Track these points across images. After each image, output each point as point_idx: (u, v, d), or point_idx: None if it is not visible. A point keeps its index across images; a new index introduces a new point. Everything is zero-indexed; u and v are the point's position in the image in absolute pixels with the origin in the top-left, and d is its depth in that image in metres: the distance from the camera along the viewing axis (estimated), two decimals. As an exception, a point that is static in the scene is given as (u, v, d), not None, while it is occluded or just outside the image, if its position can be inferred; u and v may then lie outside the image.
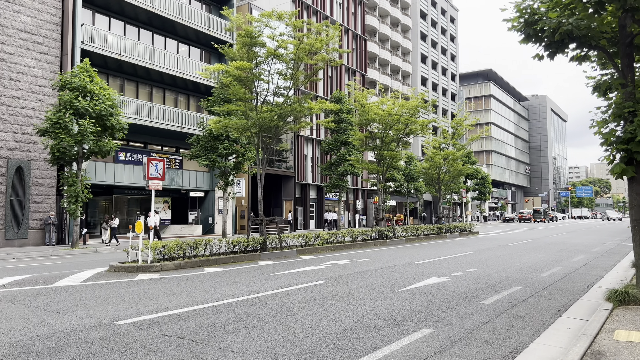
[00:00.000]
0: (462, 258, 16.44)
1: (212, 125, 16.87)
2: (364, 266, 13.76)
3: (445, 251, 19.22)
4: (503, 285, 10.70)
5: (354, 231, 20.72)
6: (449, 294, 9.52)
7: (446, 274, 12.28)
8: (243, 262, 14.40)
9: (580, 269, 14.05)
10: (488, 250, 19.53)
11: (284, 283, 10.50)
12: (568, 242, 24.57)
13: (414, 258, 16.26)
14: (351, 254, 17.54)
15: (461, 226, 30.76)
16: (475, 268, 13.69)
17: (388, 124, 21.92)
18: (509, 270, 13.41)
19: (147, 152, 30.50)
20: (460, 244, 22.94)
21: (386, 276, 11.78)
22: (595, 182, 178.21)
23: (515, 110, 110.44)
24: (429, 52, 66.64)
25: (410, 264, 14.53)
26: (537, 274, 12.67)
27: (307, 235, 18.17)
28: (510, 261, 15.64)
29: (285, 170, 39.48)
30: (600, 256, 17.80)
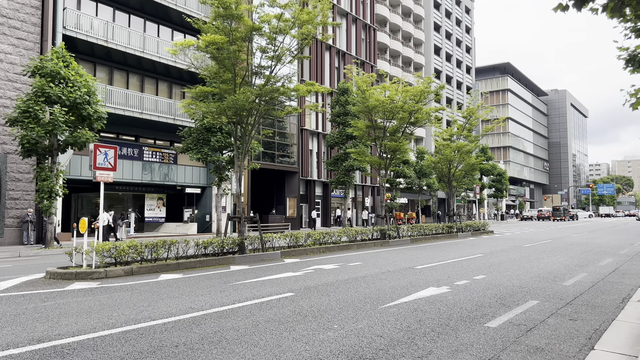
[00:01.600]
0: (471, 262, 14.32)
1: (184, 109, 14.99)
2: (352, 272, 11.75)
3: (452, 253, 17.09)
4: (516, 299, 8.62)
5: (352, 230, 18.70)
6: (445, 312, 7.48)
7: (447, 283, 10.21)
8: (212, 267, 12.50)
9: (609, 275, 11.86)
10: (501, 253, 17.34)
11: (242, 296, 8.56)
12: (592, 243, 22.23)
13: (415, 262, 14.19)
14: (344, 256, 15.53)
15: (474, 225, 28.49)
16: (484, 275, 11.59)
17: (391, 112, 19.82)
18: (524, 277, 11.28)
19: (138, 145, 28.84)
20: (471, 245, 20.75)
21: (373, 286, 9.76)
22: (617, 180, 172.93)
23: (533, 105, 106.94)
24: (442, 43, 64.08)
25: (408, 269, 12.48)
26: (558, 283, 10.54)
27: (295, 235, 16.22)
28: (527, 266, 13.48)
29: (289, 166, 37.58)
30: (630, 259, 15.53)
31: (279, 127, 37.40)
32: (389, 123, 20.45)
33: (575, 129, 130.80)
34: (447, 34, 65.98)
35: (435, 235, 24.21)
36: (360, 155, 22.01)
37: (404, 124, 20.47)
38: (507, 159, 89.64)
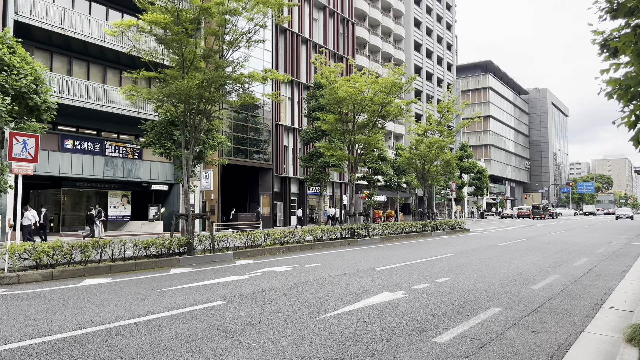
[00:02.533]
0: (438, 262, 13.38)
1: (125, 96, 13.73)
2: (304, 275, 10.70)
3: (421, 253, 16.15)
4: (476, 306, 7.66)
5: (317, 229, 17.65)
6: (391, 323, 6.47)
7: (405, 287, 9.23)
8: (151, 270, 11.34)
9: (582, 277, 11.01)
10: (473, 252, 16.46)
11: (163, 305, 7.44)
12: (568, 242, 21.53)
13: (378, 262, 13.20)
14: (304, 257, 14.46)
15: (449, 223, 27.65)
16: (448, 277, 10.63)
17: (360, 105, 18.80)
18: (491, 280, 10.35)
19: (100, 139, 27.42)
20: (444, 244, 19.88)
21: (321, 291, 8.72)
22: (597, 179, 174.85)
23: (515, 104, 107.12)
24: (423, 40, 63.36)
25: (368, 271, 11.47)
26: (526, 286, 9.63)
27: (253, 235, 15.11)
28: (496, 267, 12.58)
29: (263, 162, 36.39)
30: (606, 259, 14.77)
31: (252, 122, 36.21)
32: (358, 116, 19.44)
33: (556, 128, 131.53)
34: (427, 30, 65.28)
35: (408, 233, 23.29)
36: (329, 150, 20.96)
37: (374, 117, 19.47)
38: (489, 157, 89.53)
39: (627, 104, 5.94)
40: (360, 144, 19.29)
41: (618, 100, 5.93)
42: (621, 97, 5.84)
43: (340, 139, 20.68)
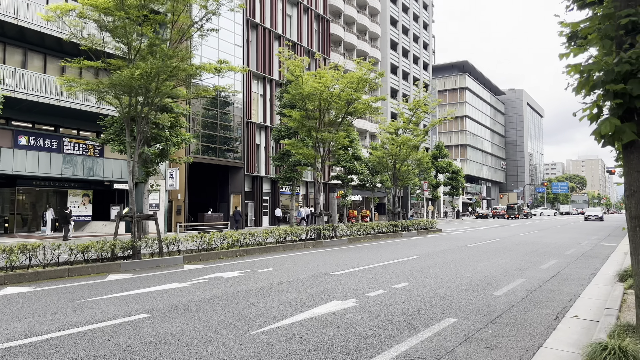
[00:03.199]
0: (401, 265, 12.72)
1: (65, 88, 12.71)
2: (252, 282, 9.91)
3: (386, 255, 15.50)
4: (430, 316, 6.99)
5: (280, 230, 16.84)
6: (331, 338, 5.74)
7: (358, 295, 8.51)
8: (86, 276, 10.40)
9: (549, 281, 10.47)
10: (440, 254, 15.87)
11: (76, 320, 6.57)
12: (539, 242, 21.18)
13: (337, 266, 12.47)
14: (260, 260, 13.64)
15: (420, 223, 27.14)
16: (408, 282, 9.97)
17: (326, 101, 18.06)
18: (452, 285, 9.72)
19: (58, 136, 26.13)
20: (412, 245, 19.28)
21: (264, 301, 7.94)
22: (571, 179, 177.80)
23: (491, 104, 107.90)
24: (399, 38, 63.02)
25: (323, 276, 10.73)
26: (488, 292, 9.02)
27: (208, 237, 14.23)
28: (461, 270, 11.98)
29: (233, 161, 35.40)
30: (575, 261, 14.34)
31: (223, 119, 35.19)
32: (325, 113, 18.70)
33: (532, 128, 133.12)
34: (404, 29, 64.96)
35: (378, 234, 22.66)
36: (295, 148, 20.16)
37: (342, 114, 18.76)
38: (465, 157, 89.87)
39: (589, 93, 5.32)
40: (327, 141, 18.55)
41: (578, 90, 5.30)
42: (582, 86, 5.21)
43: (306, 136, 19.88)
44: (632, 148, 5.09)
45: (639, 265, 4.98)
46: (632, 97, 4.93)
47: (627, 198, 5.13)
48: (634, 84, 4.80)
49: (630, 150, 5.10)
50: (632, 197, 5.06)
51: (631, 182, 5.08)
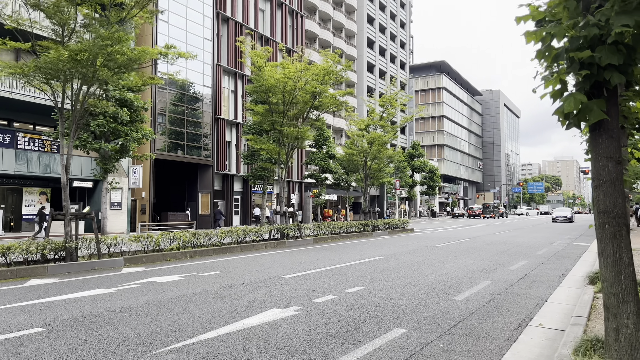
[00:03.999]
0: (362, 267, 11.88)
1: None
2: (189, 287, 8.94)
3: (350, 255, 14.65)
4: (378, 326, 6.14)
5: (238, 230, 15.84)
6: (253, 356, 4.82)
7: (302, 301, 7.62)
8: (4, 281, 9.28)
9: (516, 284, 9.74)
10: (406, 254, 15.09)
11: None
12: (511, 242, 20.60)
13: (292, 269, 11.57)
14: (210, 262, 12.64)
15: (392, 222, 26.42)
16: (363, 286, 9.11)
17: (290, 94, 17.14)
18: (411, 289, 8.91)
19: (11, 130, 24.69)
20: (380, 245, 18.49)
21: (190, 310, 6.99)
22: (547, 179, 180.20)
23: (469, 105, 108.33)
24: (376, 37, 62.43)
25: (273, 279, 9.81)
26: (449, 297, 8.22)
27: (156, 237, 13.17)
28: (425, 272, 11.19)
29: (202, 158, 34.20)
30: (546, 261, 13.70)
31: (192, 115, 33.96)
32: (288, 106, 17.77)
33: (509, 129, 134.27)
34: (381, 27, 64.40)
35: (347, 234, 21.83)
36: (257, 143, 19.21)
37: (307, 108, 17.86)
38: (442, 157, 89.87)
39: (550, 65, 4.52)
40: (291, 136, 17.63)
41: (539, 60, 4.49)
42: (542, 56, 4.40)
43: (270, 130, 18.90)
44: (600, 130, 4.30)
45: (608, 269, 4.19)
46: (600, 68, 4.14)
47: (595, 190, 4.33)
48: (602, 51, 4.01)
49: (598, 133, 4.31)
50: (600, 188, 4.26)
51: (599, 171, 4.28)
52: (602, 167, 4.26)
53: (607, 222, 4.20)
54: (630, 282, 4.11)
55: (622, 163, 4.26)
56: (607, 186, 4.22)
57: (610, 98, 4.30)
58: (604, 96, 4.25)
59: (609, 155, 4.24)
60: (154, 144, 30.56)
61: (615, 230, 4.16)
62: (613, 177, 4.22)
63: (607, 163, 4.24)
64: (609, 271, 4.18)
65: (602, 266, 4.25)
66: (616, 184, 4.21)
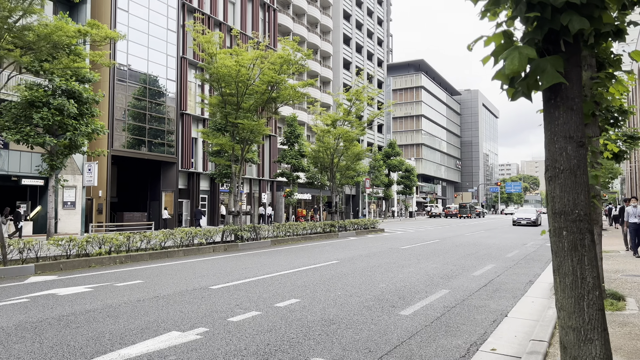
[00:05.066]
0: (308, 274, 10.63)
1: None
2: (89, 302, 7.58)
3: (304, 259, 13.40)
4: (292, 356, 4.89)
5: (183, 232, 14.44)
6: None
7: (214, 321, 6.34)
8: None
9: (477, 293, 8.62)
10: (366, 258, 13.91)
11: None
12: (482, 243, 19.61)
13: (227, 277, 10.27)
14: (137, 270, 11.23)
15: (361, 223, 25.26)
16: (299, 298, 7.87)
17: (244, 83, 15.82)
18: (353, 301, 7.70)
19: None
20: (342, 247, 17.28)
21: (62, 334, 5.65)
22: (525, 179, 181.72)
23: (447, 104, 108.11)
24: (353, 33, 61.34)
25: (197, 291, 8.50)
26: (394, 311, 7.04)
27: (79, 242, 11.72)
28: (378, 279, 10.01)
29: (166, 156, 32.58)
30: (515, 265, 12.66)
31: (155, 110, 32.31)
32: (244, 97, 16.42)
33: (487, 129, 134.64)
34: (357, 24, 63.33)
35: (310, 235, 20.59)
36: (209, 137, 17.85)
37: (264, 100, 16.55)
38: (420, 156, 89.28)
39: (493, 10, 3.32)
40: (246, 130, 16.30)
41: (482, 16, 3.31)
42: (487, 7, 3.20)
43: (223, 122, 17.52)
44: (556, 99, 3.11)
45: (566, 294, 3.01)
46: (555, 11, 2.95)
47: (549, 182, 3.14)
48: (558, -12, 2.82)
49: (554, 104, 3.12)
50: (556, 180, 3.08)
51: (554, 156, 3.09)
52: (559, 151, 3.07)
53: (565, 227, 3.02)
54: (596, 312, 2.93)
55: (585, 146, 3.08)
56: (566, 177, 3.04)
57: (571, 55, 3.11)
58: (562, 52, 3.07)
59: (567, 135, 3.06)
60: (112, 140, 28.90)
61: (576, 239, 2.98)
62: (573, 165, 3.03)
63: (566, 145, 3.06)
64: (567, 297, 3.00)
65: (559, 289, 3.07)
66: (578, 175, 3.03)
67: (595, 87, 7.53)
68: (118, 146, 29.81)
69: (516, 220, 37.32)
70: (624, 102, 14.95)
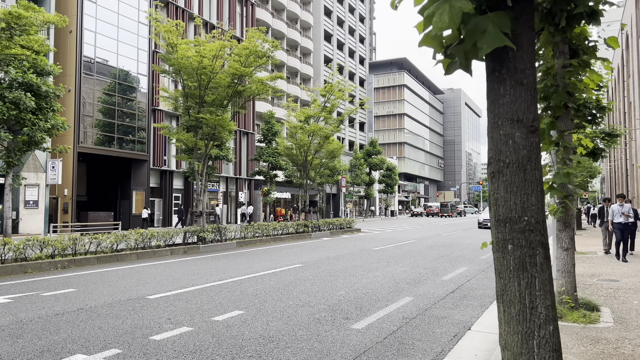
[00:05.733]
0: (265, 279, 9.84)
1: None
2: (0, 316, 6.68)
3: (265, 264, 12.59)
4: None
5: (138, 234, 13.50)
6: None
7: (131, 340, 5.51)
8: None
9: (442, 301, 7.92)
10: (331, 261, 13.15)
11: None
12: (457, 244, 19.02)
13: (173, 284, 9.43)
14: (77, 276, 10.29)
15: (336, 222, 24.52)
16: (243, 310, 7.07)
17: (207, 76, 14.94)
18: (303, 312, 6.94)
19: None
20: (310, 249, 16.51)
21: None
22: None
23: (430, 103, 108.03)
24: (334, 30, 60.56)
25: (130, 301, 7.64)
26: (347, 324, 6.30)
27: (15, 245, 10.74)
28: (339, 285, 9.27)
29: (136, 153, 31.46)
30: (488, 268, 12.04)
31: (127, 106, 31.15)
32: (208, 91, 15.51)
33: (470, 128, 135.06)
34: (339, 20, 62.55)
35: (281, 236, 19.77)
36: (170, 133, 16.95)
37: (229, 94, 15.67)
38: (403, 155, 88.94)
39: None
40: (209, 125, 15.41)
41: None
42: None
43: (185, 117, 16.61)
44: (502, 71, 2.37)
45: (511, 328, 2.26)
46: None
47: (492, 179, 2.40)
48: None
49: (499, 77, 2.38)
50: (500, 176, 2.33)
51: (499, 145, 2.35)
52: (504, 139, 2.33)
53: (511, 239, 2.27)
54: (550, 354, 2.19)
55: (537, 132, 2.35)
56: (512, 173, 2.30)
57: (521, 13, 2.37)
58: (509, 8, 2.33)
59: (515, 117, 2.32)
60: (78, 136, 27.72)
61: (525, 256, 2.24)
62: (522, 157, 2.29)
63: (513, 131, 2.32)
64: (512, 332, 2.25)
65: (502, 321, 2.32)
66: (528, 170, 2.29)
67: (567, 76, 6.88)
68: (90, 143, 28.66)
69: (482, 222, 30.35)
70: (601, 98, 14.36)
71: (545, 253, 2.26)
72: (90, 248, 12.24)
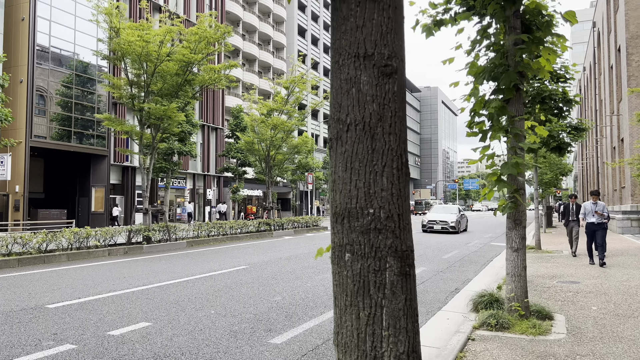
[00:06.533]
0: (195, 284, 8.91)
1: None
2: None
3: (208, 265, 11.63)
4: None
5: (72, 233, 12.38)
6: None
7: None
8: None
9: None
10: (282, 262, 12.27)
11: None
12: (423, 242, 18.35)
13: (89, 290, 8.43)
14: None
15: (302, 221, 23.65)
16: (150, 322, 6.13)
17: (152, 62, 13.90)
18: (223, 323, 6.04)
19: None
20: (265, 249, 15.59)
21: None
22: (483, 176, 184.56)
23: (407, 101, 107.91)
24: (308, 24, 59.60)
25: (25, 311, 6.62)
26: (267, 338, 5.47)
27: None
28: (276, 289, 8.39)
29: (96, 148, 30.05)
30: (447, 269, 11.32)
31: (85, 98, 29.70)
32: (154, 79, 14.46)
33: (447, 127, 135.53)
34: (313, 15, 61.62)
35: (239, 235, 18.80)
36: (113, 123, 15.86)
37: (178, 82, 14.64)
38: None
39: None
40: (155, 116, 14.36)
41: None
42: None
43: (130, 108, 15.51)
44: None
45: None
46: None
47: (330, 152, 1.54)
48: None
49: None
50: (338, 145, 1.47)
51: (338, 97, 1.49)
52: (345, 86, 1.47)
53: (349, 242, 1.42)
54: None
55: (398, 77, 1.50)
56: (355, 140, 1.46)
57: None
58: None
59: (362, 52, 1.48)
60: (31, 130, 26.23)
61: (368, 271, 1.39)
62: (370, 115, 1.44)
63: (357, 73, 1.46)
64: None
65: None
66: (377, 135, 1.44)
67: (519, 54, 6.09)
68: (47, 138, 27.18)
69: (426, 224, 24.20)
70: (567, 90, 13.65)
71: (401, 267, 1.40)
72: (13, 248, 11.11)
